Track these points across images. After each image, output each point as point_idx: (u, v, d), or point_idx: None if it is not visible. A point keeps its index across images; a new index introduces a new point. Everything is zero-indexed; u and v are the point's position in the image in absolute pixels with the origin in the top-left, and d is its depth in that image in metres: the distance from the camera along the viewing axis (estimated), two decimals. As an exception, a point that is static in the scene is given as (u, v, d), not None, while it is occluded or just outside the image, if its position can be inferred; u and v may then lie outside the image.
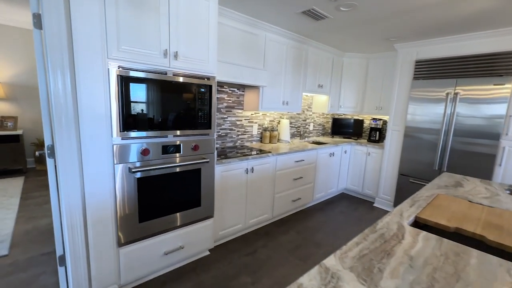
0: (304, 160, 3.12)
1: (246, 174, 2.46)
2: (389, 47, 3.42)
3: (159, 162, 1.76)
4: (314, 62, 3.43)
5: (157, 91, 1.67)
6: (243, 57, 2.52)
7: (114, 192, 1.60)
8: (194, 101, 1.88)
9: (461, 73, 2.77)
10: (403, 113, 3.28)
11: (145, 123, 1.65)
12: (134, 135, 1.62)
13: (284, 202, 2.98)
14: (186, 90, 1.82)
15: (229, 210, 2.39)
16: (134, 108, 1.59)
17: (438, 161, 2.95)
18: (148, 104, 1.64)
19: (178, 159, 1.86)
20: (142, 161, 1.68)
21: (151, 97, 1.65)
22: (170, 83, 1.73)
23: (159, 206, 1.82)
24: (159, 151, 1.75)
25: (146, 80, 1.62)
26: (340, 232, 2.81)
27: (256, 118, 3.28)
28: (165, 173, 1.80)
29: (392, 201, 3.45)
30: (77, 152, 1.45)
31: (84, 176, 1.48)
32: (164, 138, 1.76)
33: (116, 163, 1.57)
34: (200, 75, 1.89)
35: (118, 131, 1.55)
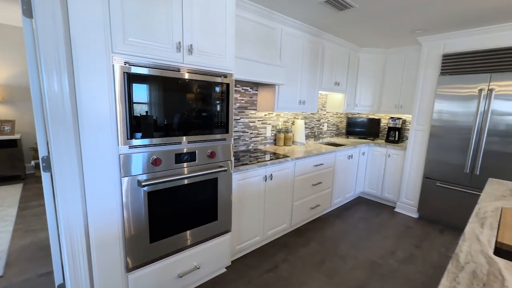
0: (323, 164, 2.88)
1: (264, 182, 2.23)
2: (410, 41, 3.18)
3: (172, 173, 1.53)
4: (330, 57, 3.20)
5: (169, 90, 1.44)
6: (258, 53, 2.28)
7: (122, 209, 1.37)
8: (210, 101, 1.65)
9: (496, 67, 2.53)
10: (428, 112, 3.04)
11: (156, 129, 1.43)
12: (143, 143, 1.39)
13: (303, 210, 2.75)
14: (201, 89, 1.59)
15: (246, 222, 2.16)
16: (142, 111, 1.36)
17: (469, 163, 2.71)
18: (158, 106, 1.41)
19: (193, 169, 1.63)
20: (153, 172, 1.45)
21: (162, 98, 1.42)
22: (184, 81, 1.50)
23: (172, 223, 1.59)
24: (172, 160, 1.52)
25: (156, 78, 1.38)
26: (364, 242, 2.58)
27: (270, 119, 3.04)
28: (178, 185, 1.57)
29: (415, 206, 3.22)
30: (77, 164, 1.22)
31: (86, 192, 1.25)
32: (177, 145, 1.53)
33: (123, 176, 1.34)
34: (216, 72, 1.66)
35: (125, 139, 1.32)
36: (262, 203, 2.26)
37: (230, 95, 1.74)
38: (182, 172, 1.58)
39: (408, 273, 2.12)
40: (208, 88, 1.62)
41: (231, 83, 1.73)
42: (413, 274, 2.11)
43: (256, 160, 2.23)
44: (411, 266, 2.21)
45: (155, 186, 1.47)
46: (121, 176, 1.34)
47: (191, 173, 1.57)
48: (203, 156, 1.67)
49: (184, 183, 1.60)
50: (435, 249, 2.51)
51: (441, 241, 2.67)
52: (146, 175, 1.42)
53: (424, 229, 2.91)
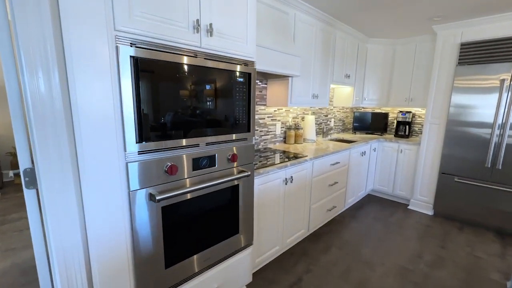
0: (339, 163, 2.68)
1: (284, 185, 1.99)
2: (422, 30, 3.02)
3: (191, 182, 1.26)
4: (341, 48, 2.98)
5: (185, 81, 1.17)
6: (272, 39, 2.02)
7: (131, 231, 1.09)
8: (230, 95, 1.38)
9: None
10: (444, 104, 2.90)
11: (170, 129, 1.15)
12: (156, 147, 1.11)
13: (320, 212, 2.54)
14: (221, 80, 1.32)
15: (265, 231, 1.92)
16: (154, 107, 1.08)
17: (491, 157, 2.60)
18: (173, 101, 1.14)
19: (212, 176, 1.36)
20: (168, 182, 1.17)
21: (177, 90, 1.15)
22: (201, 69, 1.22)
23: (190, 241, 1.32)
24: (190, 166, 1.25)
25: (170, 66, 1.10)
26: (387, 245, 2.41)
27: (279, 115, 2.80)
28: (197, 195, 1.31)
29: (431, 203, 3.09)
30: (73, 178, 0.93)
31: (86, 213, 0.96)
32: (195, 148, 1.26)
33: (132, 190, 1.06)
34: (237, 60, 1.39)
35: (134, 143, 1.04)
36: (281, 209, 2.02)
37: (252, 87, 1.47)
38: (202, 180, 1.31)
39: (442, 279, 1.96)
40: (228, 79, 1.35)
41: (253, 72, 1.47)
42: (448, 280, 1.95)
43: (264, 159, 1.99)
44: (443, 271, 2.06)
45: (171, 200, 1.19)
46: (130, 190, 1.05)
47: (212, 181, 1.31)
48: (223, 160, 1.40)
49: (204, 193, 1.34)
50: (461, 249, 2.38)
51: (463, 239, 2.55)
52: (159, 186, 1.14)
53: (443, 227, 2.79)
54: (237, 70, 1.38)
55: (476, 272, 2.05)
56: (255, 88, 1.50)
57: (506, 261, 2.21)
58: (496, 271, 2.08)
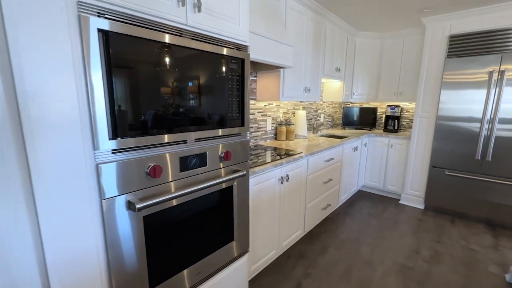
0: (334, 159, 2.58)
1: (280, 185, 1.84)
2: (409, 23, 2.99)
3: (178, 185, 1.07)
4: (331, 40, 2.88)
5: (168, 65, 0.97)
6: (263, 26, 1.86)
7: (105, 249, 0.88)
8: (222, 83, 1.20)
9: (508, 48, 2.41)
10: (433, 98, 2.88)
11: (152, 122, 0.95)
12: (135, 144, 0.91)
13: (315, 212, 2.42)
14: (211, 64, 1.14)
15: (262, 235, 1.76)
16: (132, 95, 0.88)
17: (481, 150, 2.61)
18: (155, 88, 0.94)
19: (203, 177, 1.18)
20: (151, 186, 0.97)
21: (160, 76, 0.95)
22: (189, 51, 1.03)
23: (179, 255, 1.13)
24: (176, 166, 1.06)
25: (150, 45, 0.91)
26: (383, 242, 2.34)
27: (270, 111, 2.65)
28: (186, 200, 1.12)
29: (422, 197, 3.09)
30: (22, 186, 0.71)
31: (42, 229, 0.75)
32: (182, 145, 1.07)
33: (106, 197, 0.86)
34: (229, 42, 1.21)
35: (106, 139, 0.83)
36: (277, 210, 1.87)
37: (245, 75, 1.30)
38: (191, 182, 1.12)
39: (442, 275, 1.91)
40: (219, 64, 1.17)
41: (247, 58, 1.30)
42: (449, 275, 1.90)
43: (268, 160, 1.83)
44: (443, 267, 2.01)
45: (155, 207, 1.00)
46: (102, 198, 0.85)
47: (202, 183, 1.12)
48: (215, 158, 1.22)
49: (193, 198, 1.15)
50: (456, 243, 2.36)
51: (456, 232, 2.54)
52: (140, 191, 0.94)
53: (435, 221, 2.77)
54: (229, 55, 1.20)
55: (474, 266, 2.02)
56: (249, 77, 1.33)
57: (500, 252, 2.21)
58: (492, 263, 2.06)
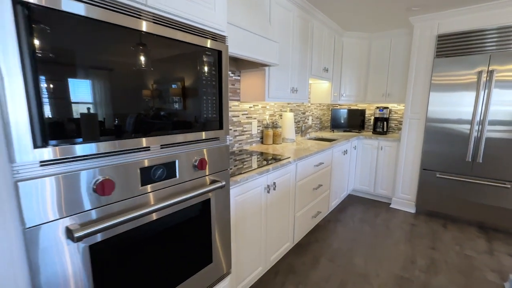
0: (323, 163, 2.43)
1: (266, 194, 1.66)
2: (398, 23, 2.93)
3: (137, 204, 0.86)
4: (318, 39, 2.76)
5: (122, 54, 0.78)
6: (247, 19, 1.69)
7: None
8: (195, 79, 1.01)
9: (497, 47, 2.37)
10: (423, 98, 2.81)
11: (101, 125, 0.75)
12: (75, 153, 0.70)
13: (305, 221, 2.26)
14: (181, 56, 0.95)
15: (246, 252, 1.57)
16: (71, 90, 0.68)
17: (471, 151, 2.54)
18: (105, 82, 0.74)
19: (172, 191, 0.98)
20: (99, 207, 0.77)
21: (113, 67, 0.75)
22: (152, 38, 0.84)
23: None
24: (136, 179, 0.85)
25: (95, 26, 0.71)
26: (377, 251, 2.20)
27: (255, 112, 2.48)
28: (151, 220, 0.91)
29: (413, 201, 3.00)
30: None
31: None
32: (142, 153, 0.87)
33: (31, 226, 0.64)
34: (203, 30, 1.03)
35: (31, 147, 0.62)
36: (263, 222, 1.69)
37: (223, 70, 1.12)
38: (157, 198, 0.92)
39: (441, 286, 1.78)
40: (191, 56, 0.98)
41: (225, 51, 1.12)
42: (448, 287, 1.78)
43: (254, 166, 1.65)
44: (441, 277, 1.89)
45: (107, 233, 0.79)
46: (25, 227, 0.64)
47: (171, 198, 0.92)
48: (188, 167, 1.03)
49: (160, 217, 0.95)
50: (450, 249, 2.26)
51: (450, 237, 2.45)
52: (84, 214, 0.73)
53: (428, 226, 2.68)
54: (203, 45, 1.02)
55: (472, 274, 1.91)
56: (227, 72, 1.15)
57: (496, 258, 2.12)
58: (490, 270, 1.97)
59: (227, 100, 1.16)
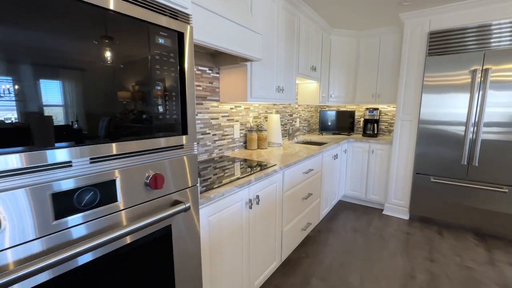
0: (313, 170, 2.21)
1: (248, 210, 1.41)
2: (387, 20, 2.79)
3: (44, 249, 0.59)
4: (305, 35, 2.56)
5: (39, 28, 0.51)
6: (223, 4, 1.44)
7: None
8: (144, 67, 0.75)
9: (491, 45, 2.25)
10: (415, 99, 2.67)
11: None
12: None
13: (294, 234, 2.02)
14: (125, 36, 0.69)
15: (224, 280, 1.30)
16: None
17: (467, 154, 2.41)
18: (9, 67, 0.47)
19: (110, 220, 0.70)
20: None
21: (13, 43, 0.48)
22: (82, 7, 0.58)
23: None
24: (45, 211, 0.58)
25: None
26: (374, 265, 2.00)
27: (238, 114, 2.23)
28: (73, 268, 0.64)
29: (407, 207, 2.84)
30: None
31: None
32: (61, 170, 0.60)
33: None
34: (156, 2, 0.77)
35: None
36: (245, 243, 1.43)
37: (187, 58, 0.87)
38: (78, 236, 0.64)
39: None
40: (140, 38, 0.72)
41: (189, 34, 0.86)
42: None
43: (234, 176, 1.39)
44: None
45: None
46: None
47: (105, 235, 0.65)
48: (136, 187, 0.76)
49: (90, 259, 0.67)
50: (450, 260, 2.09)
51: (447, 247, 2.29)
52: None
53: (424, 234, 2.52)
54: (156, 23, 0.76)
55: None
56: (192, 62, 0.89)
57: (498, 269, 1.97)
58: (494, 284, 1.80)
59: (193, 97, 0.90)
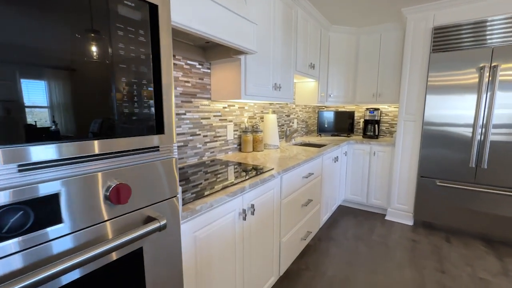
0: (313, 174, 2.05)
1: (242, 222, 1.23)
2: (388, 16, 2.66)
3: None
4: (303, 31, 2.41)
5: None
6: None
7: None
8: (103, 44, 0.57)
9: (500, 40, 2.13)
10: (419, 97, 2.53)
11: None
12: None
13: (293, 245, 1.84)
14: (77, 5, 0.51)
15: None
16: None
17: (475, 157, 2.27)
18: None
19: (49, 249, 0.52)
20: None
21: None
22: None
23: None
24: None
25: None
26: (380, 279, 1.83)
27: (231, 114, 2.05)
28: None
29: (411, 212, 2.69)
30: None
31: None
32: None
33: None
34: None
35: None
36: (239, 259, 1.25)
37: (163, 39, 0.69)
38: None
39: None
40: (95, 4, 0.55)
41: (165, 8, 0.69)
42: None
43: (226, 183, 1.21)
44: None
45: None
46: None
47: (35, 275, 0.47)
48: (91, 202, 0.58)
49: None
50: (461, 270, 1.93)
51: (458, 256, 2.14)
52: None
53: (430, 241, 2.36)
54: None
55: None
56: (170, 43, 0.72)
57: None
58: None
59: (171, 88, 0.73)
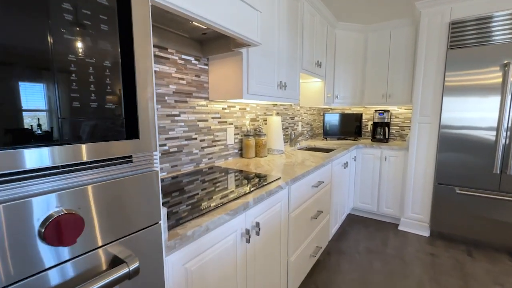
0: (323, 182, 1.84)
1: (244, 244, 1.02)
2: (398, 12, 2.49)
3: None
4: (309, 27, 2.23)
5: None
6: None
7: None
8: (56, 26, 0.38)
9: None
10: (435, 98, 2.34)
11: None
12: None
13: (302, 263, 1.63)
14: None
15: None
16: None
17: (499, 162, 2.07)
18: None
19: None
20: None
21: None
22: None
23: None
24: None
25: None
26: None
27: (232, 116, 1.86)
28: None
29: (427, 222, 2.47)
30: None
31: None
32: None
33: None
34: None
35: None
36: (242, 286, 1.04)
37: (133, 17, 0.50)
38: None
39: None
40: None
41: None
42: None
43: (225, 197, 1.01)
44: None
45: None
46: None
47: None
48: (22, 242, 0.37)
49: None
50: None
51: (483, 272, 1.92)
52: None
53: (450, 255, 2.15)
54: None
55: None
56: (149, 25, 0.52)
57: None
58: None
59: (148, 79, 0.53)
